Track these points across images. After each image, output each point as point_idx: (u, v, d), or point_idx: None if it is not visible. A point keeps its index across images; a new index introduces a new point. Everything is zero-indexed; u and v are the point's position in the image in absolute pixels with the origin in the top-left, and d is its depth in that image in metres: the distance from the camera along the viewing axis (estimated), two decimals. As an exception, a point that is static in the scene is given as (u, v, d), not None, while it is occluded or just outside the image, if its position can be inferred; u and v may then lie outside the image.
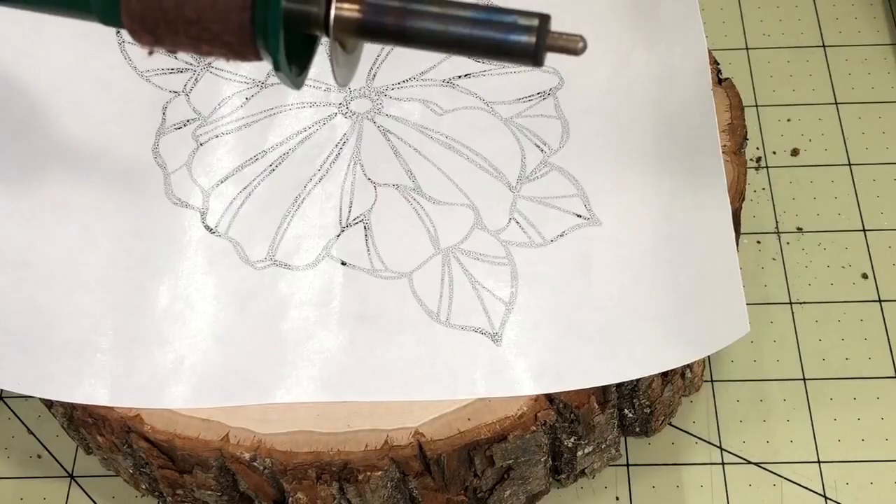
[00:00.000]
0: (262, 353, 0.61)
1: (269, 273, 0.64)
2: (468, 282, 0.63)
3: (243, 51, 0.41)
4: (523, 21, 0.42)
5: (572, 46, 0.42)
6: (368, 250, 0.64)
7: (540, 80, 0.70)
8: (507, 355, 0.60)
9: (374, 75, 0.71)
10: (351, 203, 0.66)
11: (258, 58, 0.42)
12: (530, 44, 0.42)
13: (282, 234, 0.65)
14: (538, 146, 0.68)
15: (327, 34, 0.42)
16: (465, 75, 0.71)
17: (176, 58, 0.72)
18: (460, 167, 0.67)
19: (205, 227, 0.66)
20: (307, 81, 0.71)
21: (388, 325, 0.62)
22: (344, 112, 0.70)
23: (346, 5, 0.42)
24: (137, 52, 0.72)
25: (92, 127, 0.69)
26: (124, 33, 0.72)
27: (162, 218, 0.66)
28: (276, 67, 0.42)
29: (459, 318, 0.62)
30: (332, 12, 0.42)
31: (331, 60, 0.43)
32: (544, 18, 0.42)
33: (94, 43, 0.71)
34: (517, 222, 0.65)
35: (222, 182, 0.67)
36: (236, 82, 0.71)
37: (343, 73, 0.45)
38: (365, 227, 0.65)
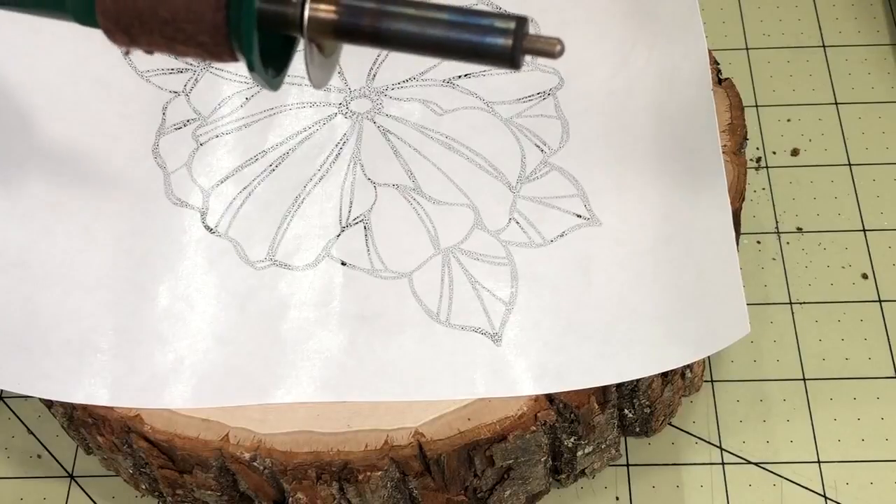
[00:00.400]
0: (262, 353, 0.61)
1: (269, 273, 0.64)
2: (468, 282, 0.63)
3: (218, 51, 0.41)
4: (500, 24, 0.41)
5: (549, 49, 0.41)
6: (368, 250, 0.64)
7: (540, 80, 0.70)
8: (507, 355, 0.60)
9: (374, 75, 0.71)
10: (351, 203, 0.66)
11: (234, 58, 0.42)
12: (507, 46, 0.41)
13: (282, 234, 0.65)
14: (538, 146, 0.68)
15: (302, 35, 0.42)
16: (465, 75, 0.71)
17: (176, 58, 0.72)
18: (460, 167, 0.67)
19: (205, 227, 0.66)
20: (308, 82, 0.71)
21: (388, 325, 0.62)
22: (344, 112, 0.70)
23: (321, 6, 0.42)
24: (138, 53, 0.72)
25: (92, 127, 0.69)
26: None
27: (162, 218, 0.66)
28: (251, 68, 0.42)
29: (459, 318, 0.62)
30: (307, 13, 0.42)
31: (305, 61, 0.43)
32: (521, 21, 0.41)
33: (94, 43, 0.71)
34: (517, 222, 0.65)
35: (222, 182, 0.67)
36: (236, 82, 0.71)
37: (318, 75, 0.44)
38: (365, 227, 0.65)
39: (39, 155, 0.68)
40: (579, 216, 0.65)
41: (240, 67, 0.71)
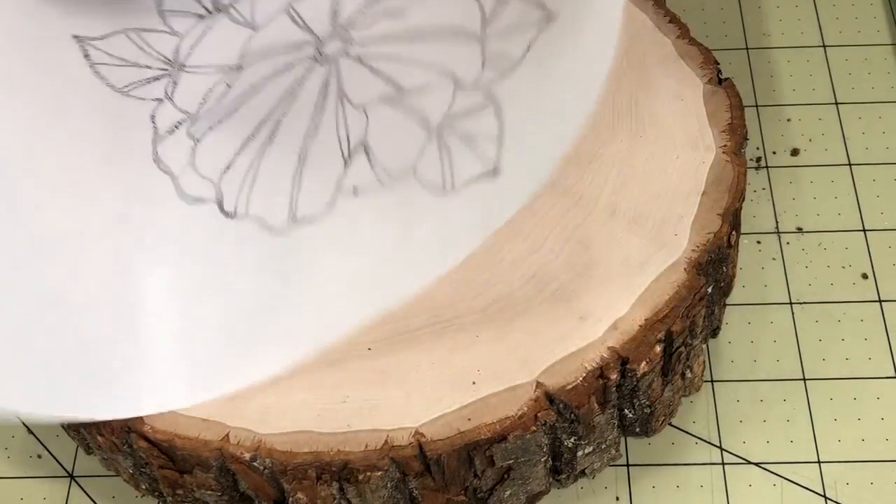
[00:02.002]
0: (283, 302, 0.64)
1: (296, 241, 0.66)
2: (461, 141, 0.66)
3: None
4: None
5: None
6: (373, 167, 0.66)
7: None
8: (457, 209, 0.66)
9: (336, 12, 0.71)
10: (348, 136, 0.67)
11: None
12: None
13: (296, 194, 0.66)
14: None
15: None
16: None
17: (150, 67, 0.72)
18: (428, 46, 0.68)
19: (224, 213, 0.67)
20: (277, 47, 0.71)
21: (405, 214, 0.67)
22: (318, 60, 0.70)
23: None
24: (109, 70, 0.72)
25: (93, 140, 0.69)
26: (93, 55, 0.72)
27: (174, 221, 0.66)
28: None
29: (462, 176, 0.66)
30: None
31: None
32: None
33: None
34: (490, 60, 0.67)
35: (228, 168, 0.68)
36: (213, 74, 0.71)
37: None
38: (366, 150, 0.66)
39: (41, 161, 0.68)
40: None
41: (216, 59, 0.71)
